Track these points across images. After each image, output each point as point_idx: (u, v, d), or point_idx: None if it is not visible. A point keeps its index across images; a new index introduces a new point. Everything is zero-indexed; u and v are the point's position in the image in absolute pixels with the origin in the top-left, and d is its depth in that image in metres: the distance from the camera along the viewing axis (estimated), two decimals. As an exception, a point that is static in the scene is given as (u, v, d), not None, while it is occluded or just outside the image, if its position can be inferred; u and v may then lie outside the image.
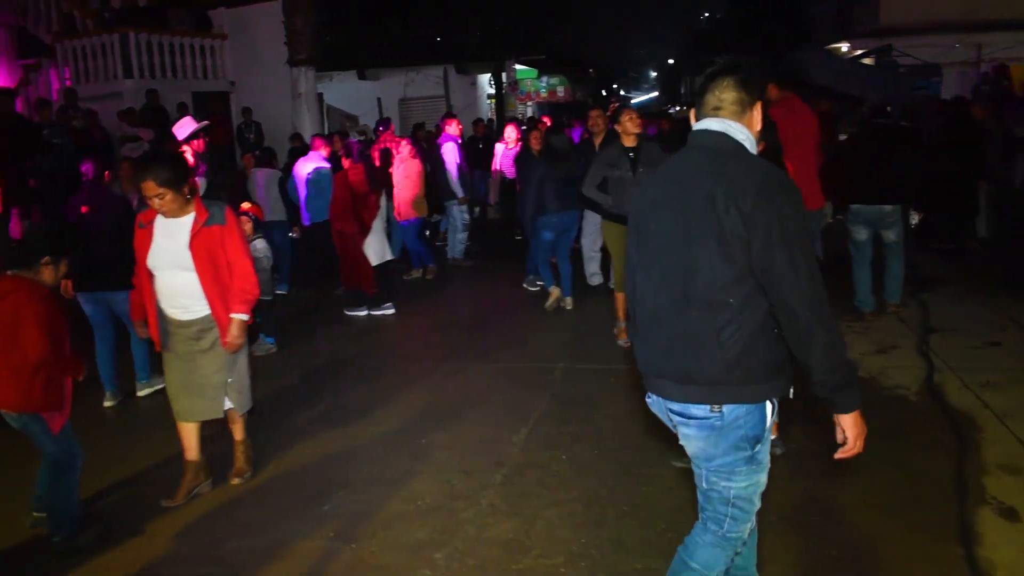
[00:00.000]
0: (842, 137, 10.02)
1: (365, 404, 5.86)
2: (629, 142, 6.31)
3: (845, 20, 23.47)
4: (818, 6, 27.23)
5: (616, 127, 6.49)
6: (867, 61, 18.10)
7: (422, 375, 6.41)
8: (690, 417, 2.63)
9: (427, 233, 11.47)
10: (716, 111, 2.64)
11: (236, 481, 4.69)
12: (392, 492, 4.51)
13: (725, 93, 2.62)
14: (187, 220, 4.34)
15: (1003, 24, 20.27)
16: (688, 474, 4.35)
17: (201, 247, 4.30)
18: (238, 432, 4.79)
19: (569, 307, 7.83)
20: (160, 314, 4.47)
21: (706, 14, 53.76)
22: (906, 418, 5.09)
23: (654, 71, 64.77)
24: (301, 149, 11.16)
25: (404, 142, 9.73)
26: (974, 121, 10.14)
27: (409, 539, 4.04)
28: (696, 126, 2.69)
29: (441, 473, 4.71)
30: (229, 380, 4.56)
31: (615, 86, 49.01)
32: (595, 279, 8.62)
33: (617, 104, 8.35)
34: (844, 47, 22.08)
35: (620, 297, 6.53)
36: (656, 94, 53.68)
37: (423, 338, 7.51)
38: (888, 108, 9.69)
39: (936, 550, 3.67)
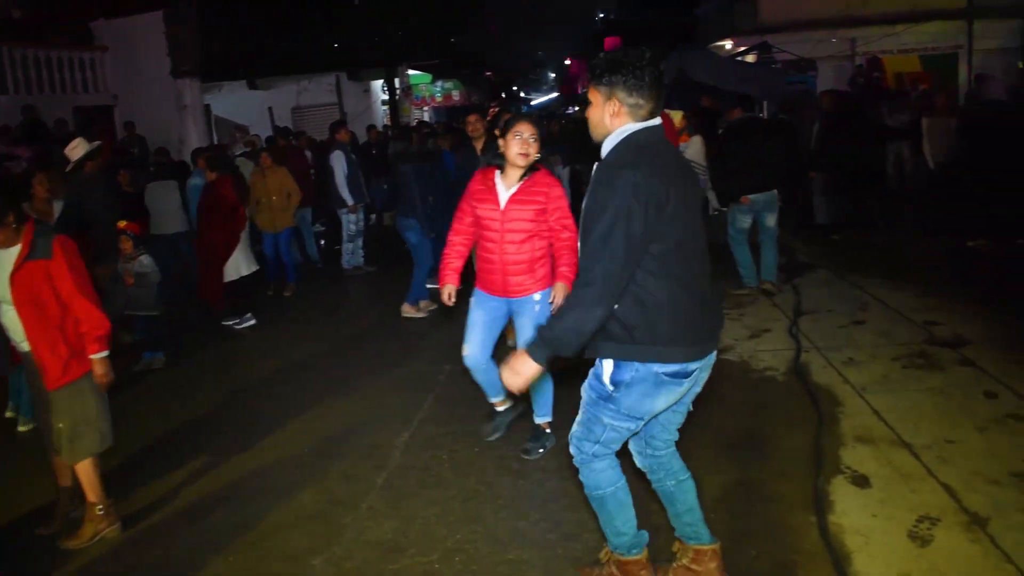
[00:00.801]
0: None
1: (248, 416, 5.82)
2: None
3: (728, 19, 24.19)
4: (702, 5, 28.03)
5: (496, 131, 6.30)
6: (750, 58, 18.72)
7: (307, 385, 6.39)
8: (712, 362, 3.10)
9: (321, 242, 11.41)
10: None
11: (65, 544, 4.22)
12: (274, 503, 4.49)
13: None
14: (13, 252, 3.98)
15: (875, 19, 21.26)
16: (561, 467, 4.50)
17: (21, 283, 3.95)
18: (83, 486, 4.25)
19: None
20: None
21: (601, 15, 54.61)
22: (772, 398, 5.34)
23: (553, 72, 65.47)
24: (168, 165, 10.90)
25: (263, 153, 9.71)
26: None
27: (289, 548, 4.04)
28: (655, 121, 2.91)
29: (323, 481, 4.71)
30: (59, 425, 4.11)
31: (515, 88, 49.32)
32: None
33: (497, 108, 8.36)
34: (728, 44, 22.79)
35: None
36: (556, 94, 54.24)
37: (309, 347, 7.46)
38: (753, 103, 10.12)
39: (792, 519, 3.88)
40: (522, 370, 2.90)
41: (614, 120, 2.89)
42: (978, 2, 20.39)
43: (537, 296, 4.49)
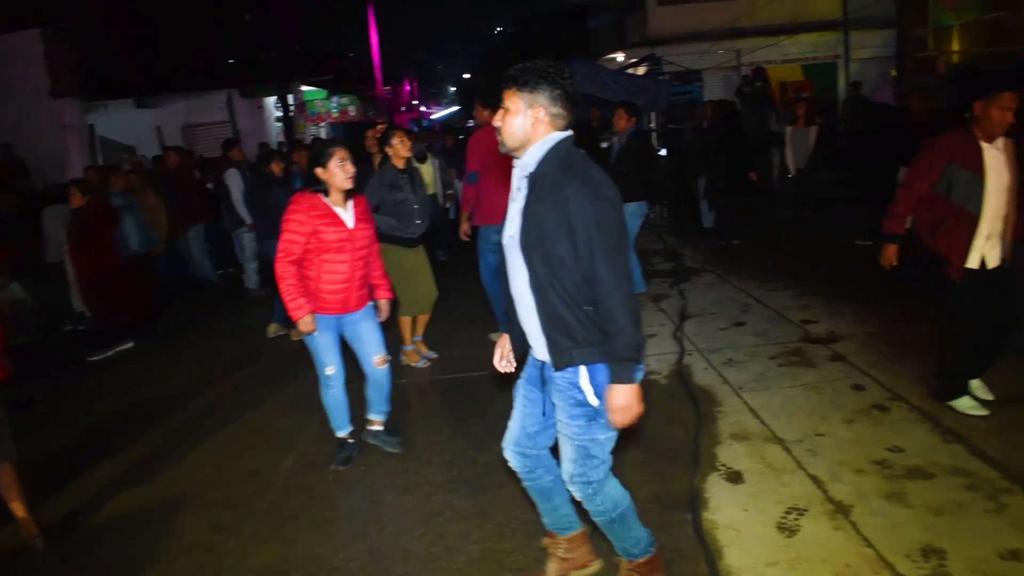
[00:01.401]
0: (604, 145, 10.58)
1: (128, 446, 5.63)
2: (401, 164, 6.19)
3: (619, 32, 24.76)
4: (595, 19, 28.60)
5: (387, 149, 6.22)
6: (640, 70, 19.18)
7: (187, 411, 6.22)
8: None
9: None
10: None
11: None
12: (157, 534, 4.36)
13: None
14: None
15: (759, 30, 22.10)
16: (448, 481, 4.52)
17: None
18: None
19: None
20: None
21: (499, 28, 55.17)
22: (655, 400, 5.44)
23: (453, 86, 65.68)
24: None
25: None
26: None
27: (167, 579, 3.94)
28: (570, 132, 2.97)
29: (206, 509, 4.60)
30: None
31: (415, 102, 49.24)
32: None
33: (385, 125, 8.33)
34: (619, 57, 23.32)
35: (405, 321, 6.55)
36: (456, 108, 54.41)
37: (188, 372, 7.25)
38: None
39: (668, 518, 3.97)
40: (629, 399, 2.89)
41: (537, 128, 2.91)
42: (853, 14, 21.36)
43: (371, 302, 4.89)
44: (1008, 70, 13.39)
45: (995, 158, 4.47)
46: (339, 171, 4.47)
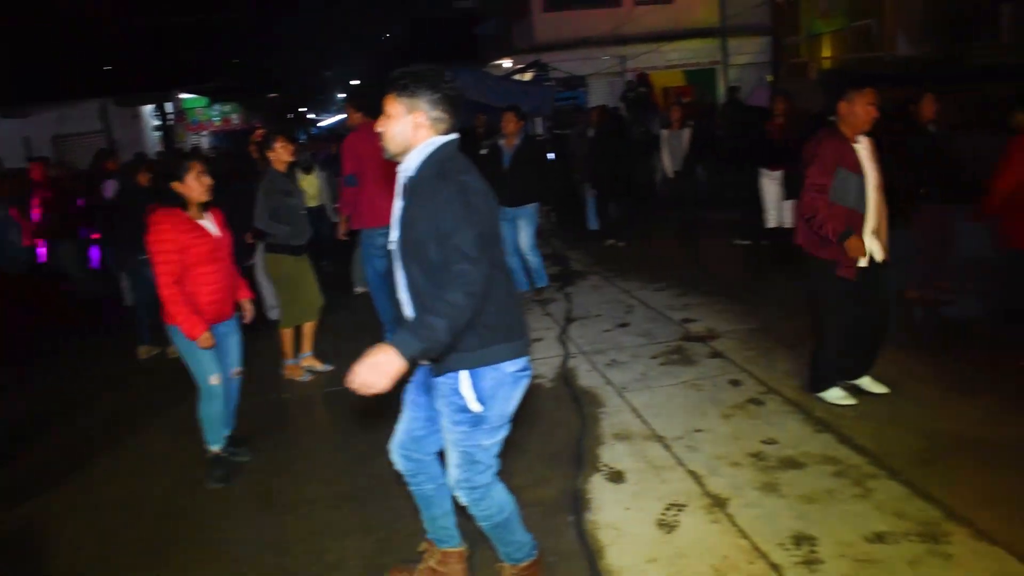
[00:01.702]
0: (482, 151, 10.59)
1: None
2: (284, 168, 6.06)
3: (506, 38, 24.91)
4: (483, 25, 28.71)
5: (269, 154, 6.07)
6: (527, 76, 19.34)
7: (52, 437, 5.89)
8: None
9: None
10: None
11: None
12: (24, 569, 4.10)
13: None
14: None
15: (642, 37, 22.60)
16: (330, 496, 4.38)
17: None
18: None
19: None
20: None
21: (388, 35, 54.70)
22: (539, 404, 5.46)
23: (341, 93, 64.83)
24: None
25: None
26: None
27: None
28: (455, 136, 2.97)
29: (77, 540, 4.35)
30: None
31: (302, 109, 48.39)
32: (273, 312, 8.17)
33: (264, 130, 8.10)
34: (506, 63, 23.46)
35: (288, 334, 6.37)
36: (345, 116, 53.66)
37: (57, 395, 6.88)
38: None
39: (551, 521, 3.96)
40: (388, 368, 2.62)
41: (418, 133, 2.90)
42: (730, 22, 22.06)
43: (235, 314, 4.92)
44: (872, 72, 14.12)
45: (864, 156, 4.66)
46: (197, 184, 4.49)
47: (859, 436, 4.49)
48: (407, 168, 2.94)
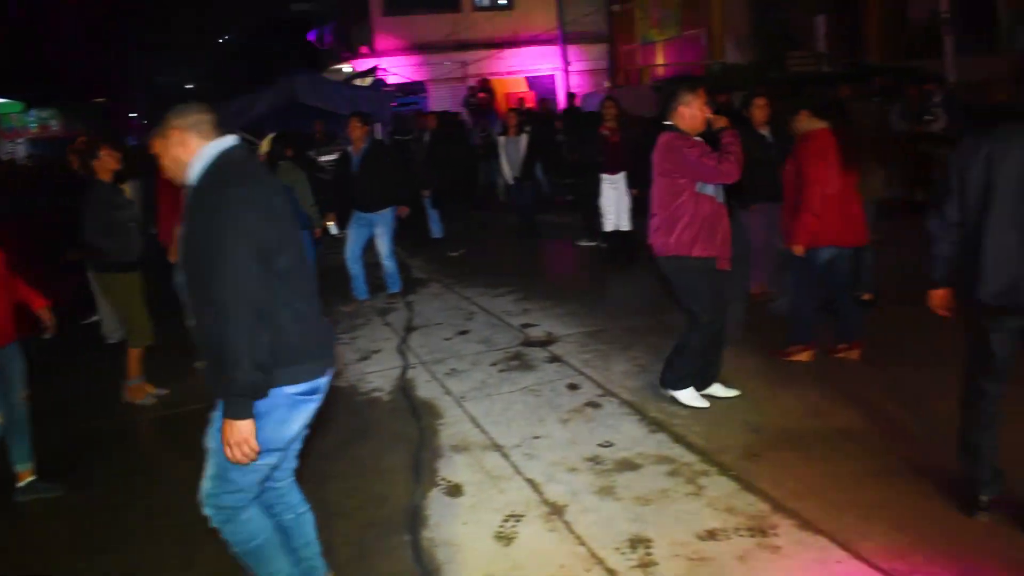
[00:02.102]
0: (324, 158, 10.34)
1: None
2: (109, 178, 5.62)
3: (345, 43, 24.48)
4: (321, 30, 28.10)
5: (94, 163, 5.58)
6: (367, 81, 19.04)
7: None
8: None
9: None
10: None
11: None
12: None
13: None
14: None
15: (482, 43, 22.73)
16: (151, 532, 4.06)
17: None
18: None
19: None
20: None
21: (224, 38, 52.72)
22: (377, 419, 5.29)
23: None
24: None
25: None
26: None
27: None
28: (233, 138, 2.84)
29: None
30: None
31: (134, 115, 45.94)
32: (114, 335, 7.51)
33: (85, 137, 7.50)
34: (345, 68, 23.04)
35: (135, 353, 5.85)
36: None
37: None
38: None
39: (387, 543, 3.79)
40: (241, 435, 2.60)
41: (186, 148, 2.79)
42: (569, 29, 22.51)
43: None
44: (701, 77, 14.67)
45: None
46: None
47: (691, 434, 4.56)
48: (190, 180, 2.79)
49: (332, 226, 7.81)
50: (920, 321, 6.03)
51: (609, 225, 8.79)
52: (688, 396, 4.96)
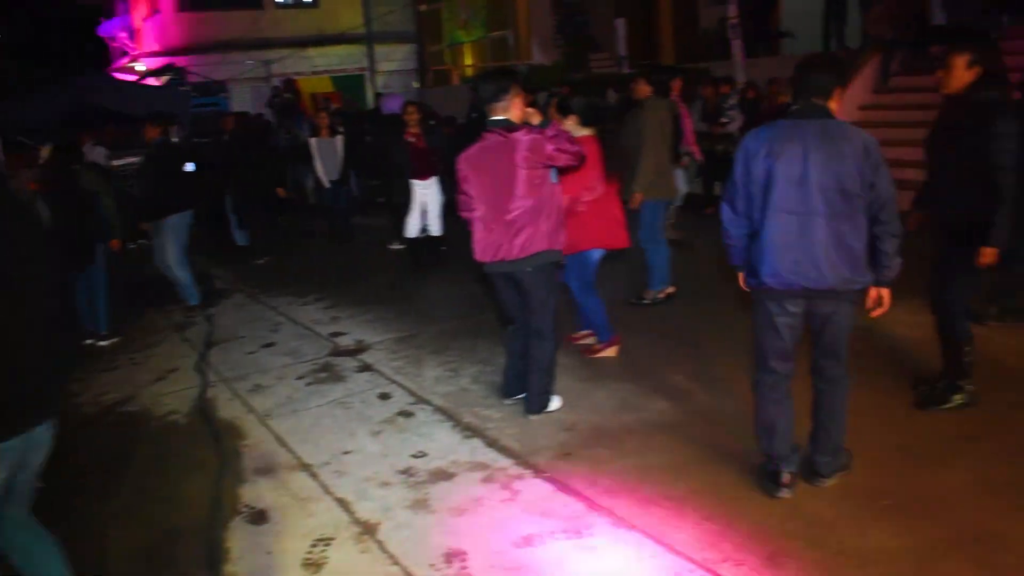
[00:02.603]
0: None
1: None
2: None
3: (135, 39, 23.01)
4: (104, 25, 26.26)
5: None
6: (162, 80, 17.96)
7: None
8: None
9: None
10: None
11: None
12: None
13: None
14: None
15: (286, 42, 21.98)
16: None
17: None
18: None
19: None
20: None
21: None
22: (173, 445, 4.88)
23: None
24: None
25: None
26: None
27: None
28: None
29: None
30: None
31: None
32: None
33: None
34: (139, 66, 21.66)
35: None
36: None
37: None
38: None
39: (181, 584, 3.48)
40: None
41: None
42: (376, 28, 22.19)
43: None
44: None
45: None
46: None
47: (505, 438, 4.48)
48: None
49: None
50: (719, 312, 6.34)
51: (412, 231, 8.57)
52: (557, 402, 4.83)
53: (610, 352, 5.60)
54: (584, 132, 5.29)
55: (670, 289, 6.78)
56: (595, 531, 3.55)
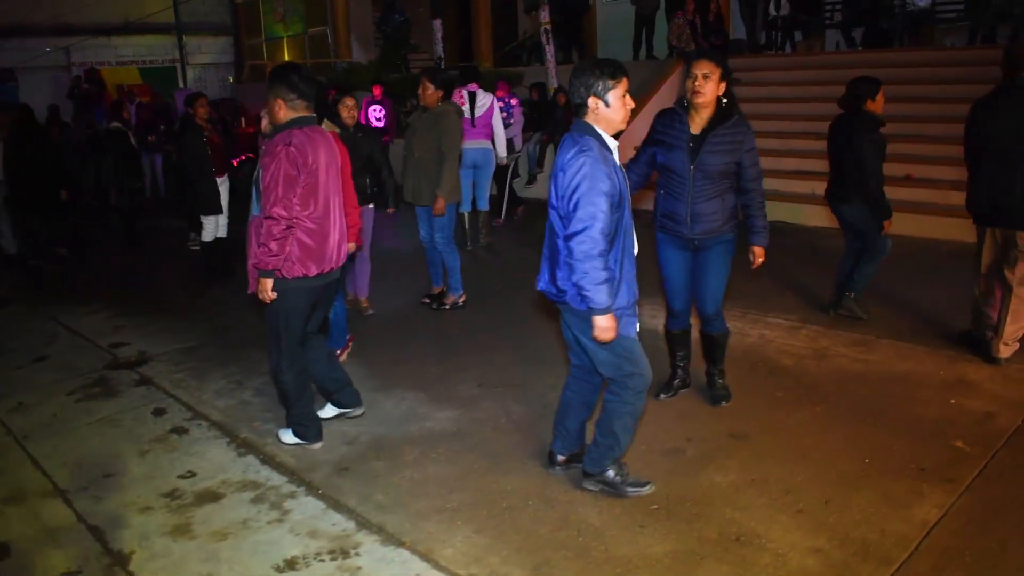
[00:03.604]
0: None
1: None
2: None
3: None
4: None
5: None
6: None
7: None
8: None
9: None
10: None
11: None
12: None
13: None
14: None
15: (89, 29, 20.59)
16: None
17: None
18: None
19: None
20: None
21: None
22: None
23: None
24: None
25: None
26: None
27: None
28: None
29: None
30: None
31: None
32: None
33: None
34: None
35: None
36: None
37: None
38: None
39: None
40: None
41: None
42: (187, 19, 21.18)
43: None
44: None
45: None
46: None
47: (283, 454, 4.31)
48: None
49: None
50: (512, 318, 6.41)
51: (208, 235, 8.14)
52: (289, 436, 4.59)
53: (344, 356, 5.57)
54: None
55: (463, 296, 6.79)
56: (362, 550, 3.46)
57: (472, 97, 8.08)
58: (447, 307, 6.71)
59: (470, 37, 16.14)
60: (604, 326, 3.35)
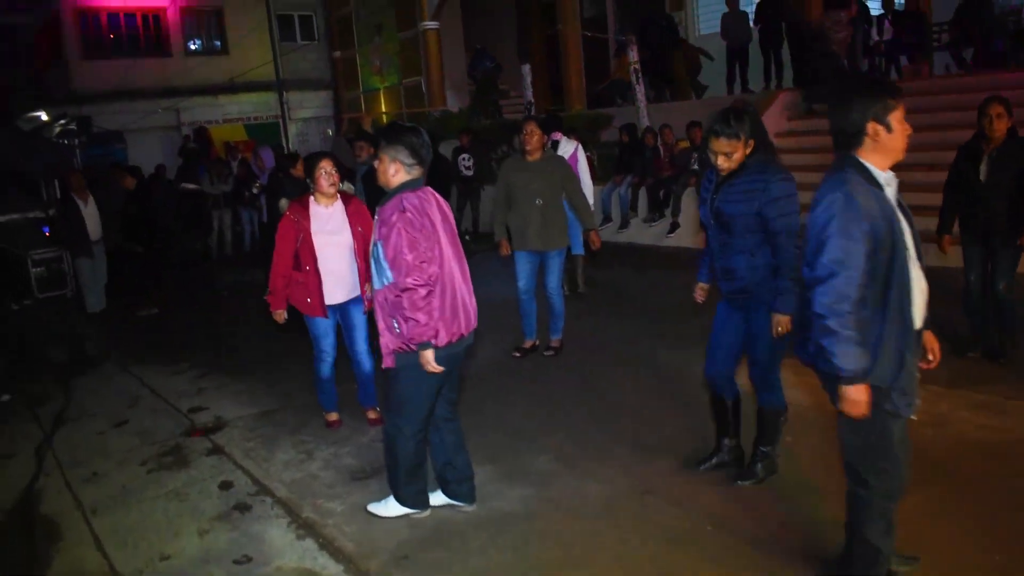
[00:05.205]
0: None
1: None
2: None
3: (39, 87, 22.21)
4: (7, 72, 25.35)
5: None
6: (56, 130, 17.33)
7: None
8: None
9: None
10: None
11: None
12: None
13: None
14: None
15: (196, 90, 21.47)
16: None
17: None
18: None
19: None
20: None
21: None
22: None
23: None
24: None
25: None
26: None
27: None
28: None
29: None
30: None
31: None
32: None
33: None
34: (43, 116, 20.87)
35: None
36: None
37: None
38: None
39: None
40: None
41: None
42: (288, 76, 21.85)
43: None
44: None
45: None
46: None
47: (342, 537, 4.06)
48: None
49: None
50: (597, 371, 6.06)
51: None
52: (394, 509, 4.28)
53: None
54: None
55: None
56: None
57: (555, 146, 7.96)
58: (552, 352, 6.67)
59: (559, 80, 16.01)
60: (853, 399, 2.86)
